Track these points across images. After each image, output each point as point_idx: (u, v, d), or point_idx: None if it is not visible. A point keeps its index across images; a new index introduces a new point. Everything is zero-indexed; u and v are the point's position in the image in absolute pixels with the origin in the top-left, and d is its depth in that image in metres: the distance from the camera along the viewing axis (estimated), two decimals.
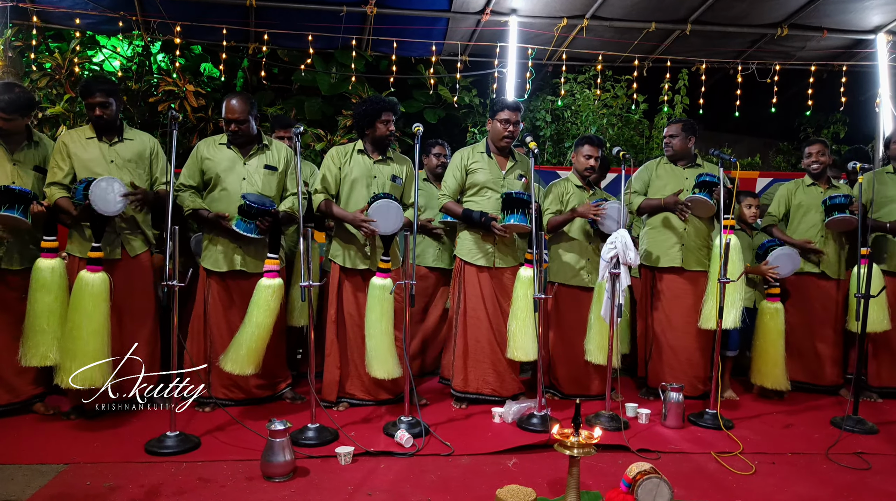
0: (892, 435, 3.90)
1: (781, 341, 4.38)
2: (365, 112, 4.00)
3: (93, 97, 3.77)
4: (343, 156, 4.07)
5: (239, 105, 3.88)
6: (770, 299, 4.44)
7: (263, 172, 4.00)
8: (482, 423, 3.93)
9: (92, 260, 3.55)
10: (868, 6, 5.89)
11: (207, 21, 6.15)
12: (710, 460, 3.42)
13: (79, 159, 3.79)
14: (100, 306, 3.51)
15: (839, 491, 3.07)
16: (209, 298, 4.02)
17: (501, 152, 4.24)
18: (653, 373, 4.52)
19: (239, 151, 4.00)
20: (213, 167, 3.96)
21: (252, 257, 3.99)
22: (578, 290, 4.41)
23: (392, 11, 6.06)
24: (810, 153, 4.71)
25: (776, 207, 4.83)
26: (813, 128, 8.54)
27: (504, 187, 4.14)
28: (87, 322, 3.46)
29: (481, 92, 7.57)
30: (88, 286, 3.50)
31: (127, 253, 3.88)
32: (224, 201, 3.93)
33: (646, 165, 4.73)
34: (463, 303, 4.20)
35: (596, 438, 2.66)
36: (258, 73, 6.79)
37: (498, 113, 4.16)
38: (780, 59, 6.98)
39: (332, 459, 3.27)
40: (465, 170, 4.22)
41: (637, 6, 5.93)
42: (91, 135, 3.85)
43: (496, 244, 4.17)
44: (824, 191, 4.68)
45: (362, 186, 4.02)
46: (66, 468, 3.12)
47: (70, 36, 6.45)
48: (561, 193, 4.45)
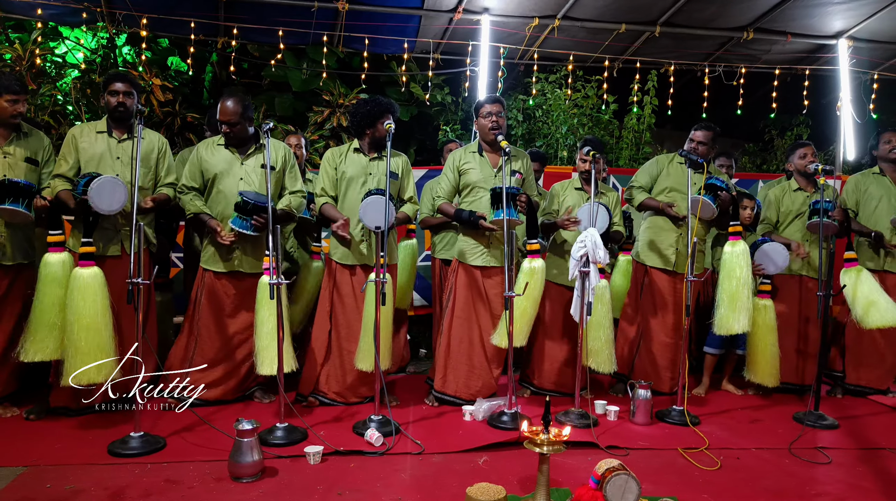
0: (852, 430, 4.00)
1: (774, 337, 4.44)
2: (369, 112, 4.01)
3: (122, 84, 3.80)
4: (338, 156, 4.12)
5: (232, 106, 3.88)
6: (760, 296, 4.49)
7: (261, 172, 3.99)
8: (453, 421, 3.93)
9: (84, 254, 3.49)
10: (830, 12, 6.01)
11: (175, 14, 6.04)
12: (677, 456, 3.47)
13: (86, 153, 3.79)
14: (95, 301, 3.44)
15: (802, 484, 3.14)
16: (201, 297, 4.02)
17: (493, 149, 4.24)
18: (640, 370, 4.56)
19: (236, 152, 4.00)
20: (211, 168, 3.97)
21: (249, 256, 3.99)
22: (564, 288, 4.46)
23: (364, 8, 6.02)
24: (805, 154, 4.72)
25: (770, 213, 4.84)
26: (777, 131, 8.70)
27: (496, 184, 4.14)
28: (84, 317, 3.40)
29: (454, 90, 7.56)
30: (81, 281, 3.44)
31: (126, 251, 3.82)
32: (222, 202, 3.96)
33: (656, 159, 4.74)
34: (452, 303, 4.22)
35: (565, 435, 2.68)
36: (227, 67, 6.69)
37: (480, 109, 4.20)
38: (746, 63, 7.10)
39: (301, 459, 3.24)
40: (457, 171, 4.23)
41: (608, 7, 5.98)
42: (102, 130, 3.86)
43: (490, 244, 4.18)
44: (810, 195, 4.70)
45: (358, 184, 4.04)
46: (26, 470, 3.04)
47: (31, 27, 6.28)
48: (557, 194, 4.57)
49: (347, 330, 4.08)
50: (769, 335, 4.43)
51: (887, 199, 4.75)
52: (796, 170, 4.80)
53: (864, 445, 3.74)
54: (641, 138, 7.59)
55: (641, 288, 4.61)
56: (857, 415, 4.32)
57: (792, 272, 4.72)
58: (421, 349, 5.89)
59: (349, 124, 4.23)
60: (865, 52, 6.70)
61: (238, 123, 3.90)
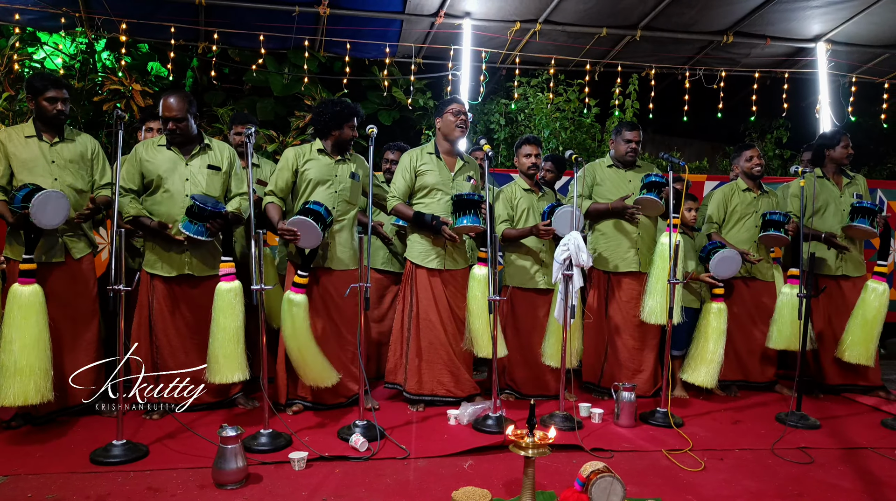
0: (834, 430, 4.04)
1: (722, 341, 4.44)
2: (338, 113, 3.96)
3: (59, 91, 3.69)
4: (301, 157, 4.01)
5: (176, 103, 3.78)
6: (714, 299, 4.51)
7: (207, 172, 3.92)
8: (438, 425, 3.92)
9: (24, 271, 3.41)
10: (809, 16, 6.10)
11: (155, 19, 6.01)
12: (661, 457, 3.49)
13: (17, 159, 3.66)
14: (34, 319, 3.37)
15: (784, 485, 3.16)
16: (154, 303, 3.91)
17: (451, 152, 4.25)
18: (608, 374, 4.58)
19: (179, 152, 3.91)
20: (154, 169, 3.85)
21: (199, 260, 3.91)
22: (534, 293, 4.45)
23: (345, 12, 6.02)
24: (752, 156, 4.81)
25: (716, 212, 4.85)
26: (757, 133, 8.80)
27: (454, 188, 4.15)
28: (25, 336, 3.33)
29: (436, 94, 7.57)
30: (21, 299, 3.37)
31: (70, 257, 3.77)
32: (167, 203, 3.85)
33: (587, 167, 4.76)
34: (415, 306, 4.19)
35: (550, 438, 2.68)
36: (208, 72, 6.66)
37: (447, 107, 4.19)
38: (726, 66, 7.18)
39: (285, 465, 3.22)
40: (414, 172, 4.21)
41: (589, 12, 6.02)
42: (31, 134, 3.72)
43: (447, 247, 4.17)
44: (757, 195, 4.80)
45: (323, 185, 3.98)
46: (6, 480, 3.00)
47: (9, 32, 6.21)
48: (510, 198, 4.49)
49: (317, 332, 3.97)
50: (717, 338, 4.42)
51: (834, 203, 4.80)
52: (742, 171, 4.87)
53: (845, 445, 3.77)
54: None
55: (606, 294, 4.62)
56: (838, 415, 4.36)
57: (739, 276, 4.75)
58: None
59: (312, 123, 4.17)
60: (844, 55, 6.81)
61: (184, 119, 3.81)
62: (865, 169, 8.53)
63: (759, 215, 4.74)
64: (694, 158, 8.58)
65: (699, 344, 4.49)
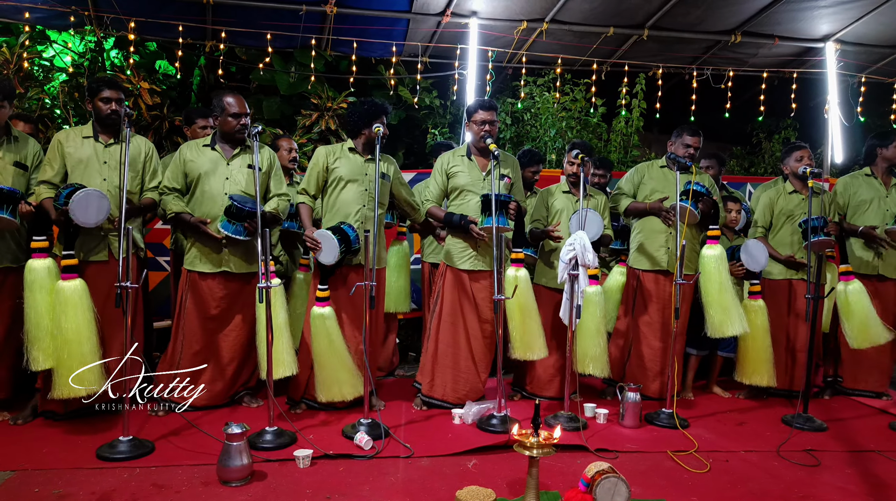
0: (841, 432, 4.02)
1: (768, 338, 4.42)
2: (366, 111, 3.99)
3: (113, 91, 3.77)
4: (332, 155, 4.06)
5: (242, 101, 3.95)
6: (752, 297, 4.48)
7: (247, 172, 3.98)
8: (442, 425, 3.93)
9: (66, 267, 3.46)
10: (817, 15, 6.06)
11: (163, 17, 6.01)
12: (666, 458, 3.48)
13: (72, 158, 3.75)
14: (76, 313, 3.41)
15: (790, 487, 3.15)
16: (187, 300, 3.98)
17: (482, 154, 4.24)
18: (630, 374, 4.56)
19: (222, 152, 3.98)
20: (196, 168, 3.94)
21: (239, 257, 3.97)
22: (553, 291, 4.46)
23: (352, 11, 6.02)
24: (802, 156, 4.63)
25: (762, 216, 4.77)
26: (765, 134, 8.76)
27: (485, 188, 4.13)
28: (67, 330, 3.38)
29: (442, 93, 7.57)
30: (64, 295, 3.41)
31: (113, 255, 3.81)
32: (207, 202, 3.93)
33: (637, 167, 4.74)
34: (440, 306, 4.20)
35: (555, 438, 2.68)
36: (215, 71, 6.66)
37: (473, 114, 4.17)
38: (734, 66, 7.15)
39: (290, 462, 3.23)
40: (445, 175, 4.22)
41: (596, 11, 6.00)
42: (88, 135, 3.82)
43: (478, 248, 4.17)
44: (805, 197, 4.60)
45: (354, 183, 4.01)
46: (13, 475, 3.02)
47: (19, 30, 6.24)
48: (546, 198, 4.53)
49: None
50: (763, 336, 4.41)
51: (878, 202, 4.76)
52: (792, 172, 4.73)
53: (852, 447, 3.75)
54: (629, 141, 7.62)
55: (634, 293, 4.61)
56: (845, 418, 4.34)
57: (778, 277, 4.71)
58: (410, 352, 5.88)
59: (345, 124, 4.22)
60: (852, 55, 6.76)
61: (249, 116, 3.96)
62: None
63: (798, 228, 4.60)
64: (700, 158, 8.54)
65: (748, 345, 4.43)
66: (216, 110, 3.97)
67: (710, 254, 4.15)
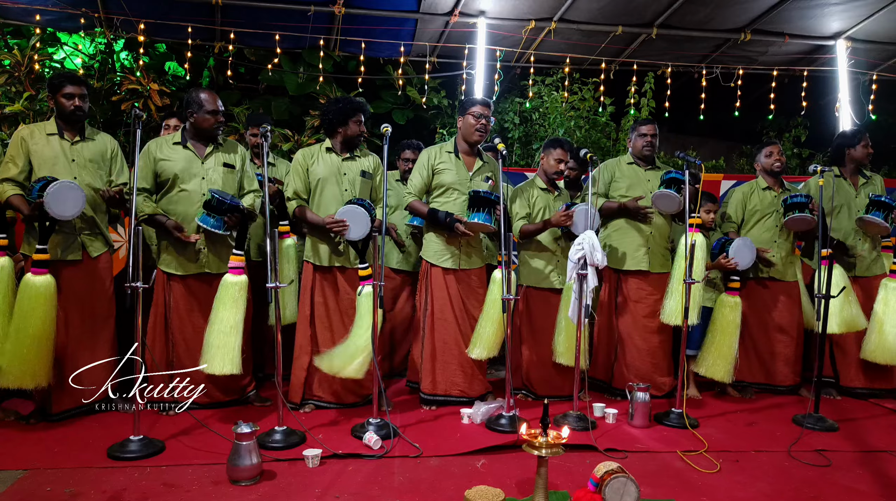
0: (852, 432, 3.99)
1: (736, 335, 4.39)
2: (340, 110, 3.99)
3: (75, 87, 3.71)
4: (310, 157, 4.06)
5: (217, 98, 3.90)
6: (730, 292, 4.46)
7: (223, 170, 3.95)
8: (451, 424, 3.92)
9: (37, 262, 3.45)
10: (828, 13, 6.03)
11: (172, 19, 6.05)
12: (676, 458, 3.47)
13: (38, 156, 3.69)
14: (43, 309, 3.40)
15: (801, 487, 3.13)
16: (170, 302, 3.94)
17: (469, 152, 4.24)
18: (619, 374, 4.55)
19: (195, 150, 3.93)
20: (170, 167, 3.87)
21: (215, 257, 3.93)
22: (549, 292, 4.44)
23: (360, 12, 6.03)
24: (771, 152, 4.71)
25: (734, 211, 4.79)
26: (775, 132, 8.70)
27: (470, 188, 4.13)
28: (29, 326, 3.37)
29: (450, 93, 7.57)
30: (32, 289, 3.40)
31: (87, 254, 3.80)
32: (184, 202, 3.87)
33: (605, 164, 4.72)
34: (430, 305, 4.19)
35: (564, 438, 2.67)
36: (224, 72, 6.70)
37: (470, 108, 4.15)
38: (743, 64, 7.11)
39: (299, 462, 3.24)
40: (431, 170, 4.21)
41: (604, 10, 5.99)
42: (52, 132, 3.75)
43: (462, 246, 4.16)
44: (778, 194, 4.70)
45: (332, 184, 4.01)
46: (26, 474, 3.04)
47: (30, 32, 6.29)
48: (527, 197, 4.46)
49: (332, 333, 4.03)
50: (731, 332, 4.38)
51: (847, 206, 4.74)
52: (762, 168, 4.77)
53: (863, 448, 3.72)
54: None
55: (616, 293, 4.59)
56: (856, 418, 4.30)
57: (759, 277, 4.71)
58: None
59: (321, 123, 4.19)
60: (864, 52, 6.72)
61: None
62: (886, 168, 8.41)
63: (780, 214, 4.63)
64: (710, 157, 8.50)
65: (714, 339, 4.44)
66: (191, 106, 3.88)
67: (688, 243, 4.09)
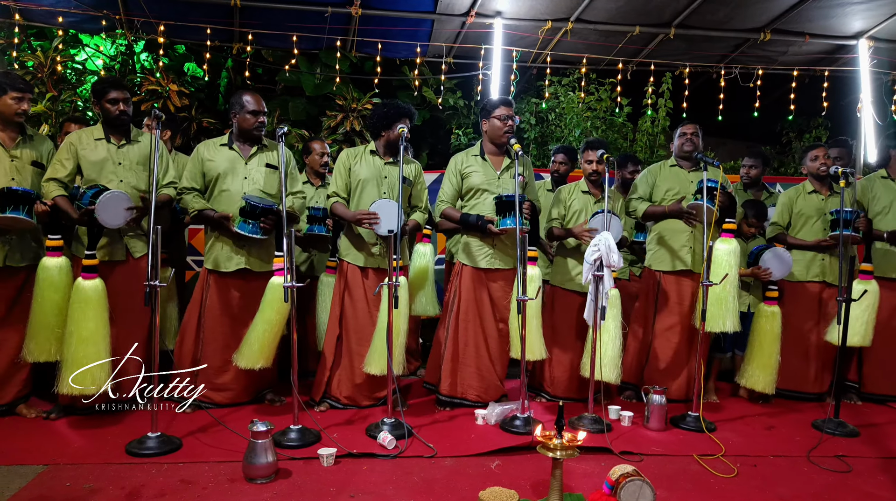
0: (873, 438, 3.94)
1: (777, 345, 4.36)
2: (386, 114, 4.02)
3: (119, 92, 3.82)
4: (354, 157, 4.11)
5: (260, 100, 4.01)
6: (768, 302, 4.42)
7: (265, 171, 4.02)
8: (465, 425, 3.92)
9: (87, 267, 3.52)
10: (850, 12, 5.94)
11: (191, 20, 6.10)
12: (692, 462, 3.44)
13: (87, 160, 3.80)
14: (96, 313, 3.47)
15: (820, 493, 3.09)
16: (206, 299, 4.01)
17: (497, 152, 4.23)
18: (648, 377, 4.51)
19: (240, 151, 4.01)
20: (215, 167, 3.97)
21: (256, 256, 4.00)
22: (573, 294, 4.42)
23: (377, 12, 6.05)
24: (817, 156, 4.66)
25: (780, 216, 4.77)
26: (795, 133, 8.62)
27: (500, 187, 4.12)
28: (83, 329, 3.43)
29: (466, 94, 7.57)
30: (84, 293, 3.47)
31: (130, 255, 3.88)
32: (226, 201, 3.96)
33: (649, 169, 4.68)
34: (456, 306, 4.19)
35: (579, 440, 2.66)
36: (242, 72, 6.74)
37: (494, 110, 4.14)
38: (763, 64, 7.04)
39: (314, 460, 3.25)
40: (460, 175, 4.21)
41: (621, 10, 5.95)
42: (100, 137, 3.86)
43: (495, 246, 4.16)
44: (825, 198, 4.65)
45: (373, 186, 4.04)
46: (46, 469, 3.08)
47: (52, 34, 6.38)
48: (564, 199, 4.48)
49: (358, 333, 4.06)
50: (771, 342, 4.35)
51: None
52: (809, 172, 4.74)
53: (884, 454, 3.67)
54: (656, 141, 7.54)
55: (656, 296, 4.55)
56: (877, 423, 4.25)
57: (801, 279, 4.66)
58: None
59: (367, 125, 4.23)
60: (886, 52, 6.62)
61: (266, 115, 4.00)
62: None
63: (827, 218, 4.58)
64: (728, 158, 8.43)
65: (754, 349, 4.40)
66: (234, 107, 4.00)
67: (721, 249, 4.05)
